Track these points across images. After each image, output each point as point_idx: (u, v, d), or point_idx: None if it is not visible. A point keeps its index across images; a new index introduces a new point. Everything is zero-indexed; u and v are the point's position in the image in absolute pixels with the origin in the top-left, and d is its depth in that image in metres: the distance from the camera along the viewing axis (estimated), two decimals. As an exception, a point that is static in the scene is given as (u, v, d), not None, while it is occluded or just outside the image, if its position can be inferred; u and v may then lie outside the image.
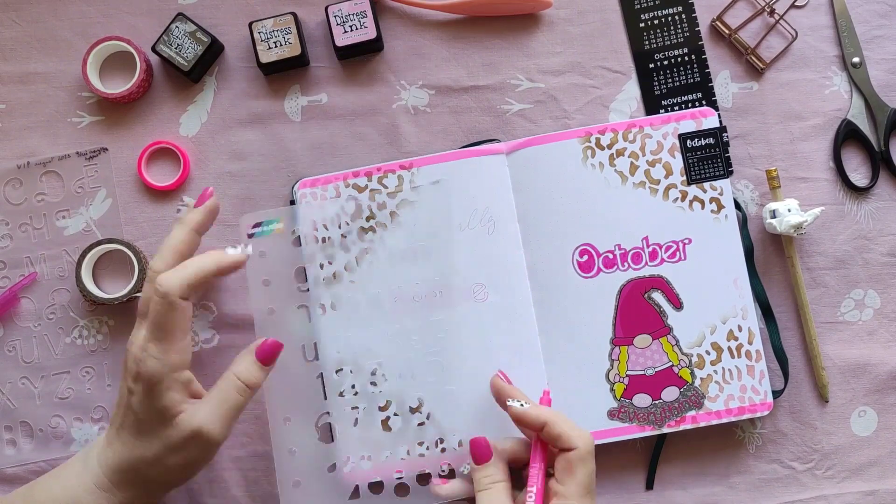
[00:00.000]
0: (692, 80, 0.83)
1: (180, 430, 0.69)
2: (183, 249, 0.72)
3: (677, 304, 0.79)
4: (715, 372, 0.79)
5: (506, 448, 0.73)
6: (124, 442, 0.70)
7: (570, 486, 0.68)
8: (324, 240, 0.80)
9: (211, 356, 0.82)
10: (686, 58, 0.84)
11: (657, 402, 0.79)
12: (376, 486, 0.79)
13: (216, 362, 0.82)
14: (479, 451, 0.72)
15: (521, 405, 0.72)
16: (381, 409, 0.79)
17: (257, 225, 0.78)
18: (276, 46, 0.82)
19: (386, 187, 0.81)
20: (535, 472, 0.70)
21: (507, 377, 0.75)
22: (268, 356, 0.73)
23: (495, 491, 0.70)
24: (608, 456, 0.80)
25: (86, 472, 0.71)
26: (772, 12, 0.84)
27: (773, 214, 0.80)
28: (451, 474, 0.78)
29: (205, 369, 0.82)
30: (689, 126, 0.80)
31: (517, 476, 0.73)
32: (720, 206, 0.80)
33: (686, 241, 0.80)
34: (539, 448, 0.71)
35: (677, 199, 0.80)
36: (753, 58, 0.84)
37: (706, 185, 0.80)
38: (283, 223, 0.78)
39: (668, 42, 0.84)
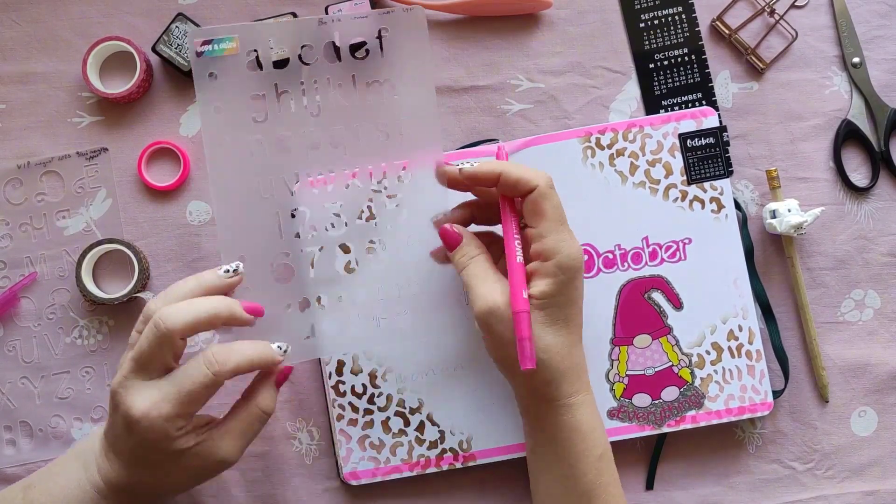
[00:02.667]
0: (692, 80, 0.83)
1: (202, 459, 0.69)
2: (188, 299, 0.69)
3: (677, 304, 0.79)
4: (715, 372, 0.79)
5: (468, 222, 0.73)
6: (132, 473, 0.69)
7: (543, 224, 0.68)
8: (323, 240, 0.80)
9: (211, 356, 0.82)
10: (686, 58, 0.84)
11: (657, 401, 0.79)
12: (377, 486, 0.80)
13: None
14: (449, 238, 0.72)
15: (472, 164, 0.71)
16: (382, 409, 0.79)
17: (207, 42, 0.70)
18: (276, 46, 0.82)
19: (386, 187, 0.80)
20: (509, 227, 0.70)
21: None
22: (284, 381, 0.76)
23: (474, 263, 0.70)
24: (608, 456, 0.81)
25: (86, 479, 0.70)
26: (772, 12, 0.84)
27: (774, 214, 0.80)
28: (451, 473, 0.78)
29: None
30: (689, 126, 0.80)
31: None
32: (720, 206, 0.80)
33: (686, 241, 0.80)
34: (505, 206, 0.70)
35: (677, 198, 0.80)
36: (753, 58, 0.84)
37: (706, 184, 0.80)
38: (236, 42, 0.71)
39: (668, 42, 0.84)
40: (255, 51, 0.72)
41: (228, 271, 0.71)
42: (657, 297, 0.79)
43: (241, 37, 0.70)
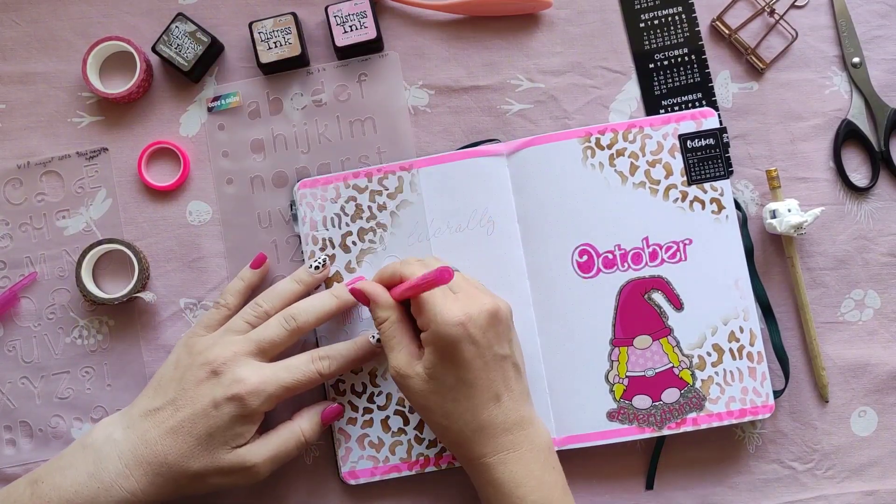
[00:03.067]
0: (692, 81, 0.83)
1: (237, 458, 0.72)
2: (290, 298, 0.78)
3: (678, 305, 0.79)
4: (716, 373, 0.79)
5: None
6: (174, 443, 0.72)
7: (415, 303, 0.71)
8: (324, 240, 0.80)
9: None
10: (686, 58, 0.84)
11: (657, 403, 0.79)
12: (376, 485, 0.80)
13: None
14: (358, 298, 0.76)
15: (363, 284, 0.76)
16: (381, 408, 0.79)
17: (215, 99, 0.83)
18: (276, 46, 0.82)
19: (386, 188, 0.81)
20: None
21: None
22: (330, 419, 0.78)
23: (385, 328, 0.73)
24: (608, 457, 0.80)
25: (103, 470, 0.71)
26: (772, 12, 0.84)
27: (774, 214, 0.80)
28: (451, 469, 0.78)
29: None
30: (689, 126, 0.80)
31: None
32: (720, 207, 0.80)
33: (686, 242, 0.80)
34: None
35: (677, 199, 0.80)
36: (753, 58, 0.83)
37: (706, 185, 0.80)
38: (239, 97, 0.83)
39: (668, 42, 0.84)
40: (255, 102, 0.84)
41: (318, 267, 0.79)
42: (657, 297, 0.79)
43: (242, 91, 0.83)
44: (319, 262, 0.78)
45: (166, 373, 0.75)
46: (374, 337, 0.77)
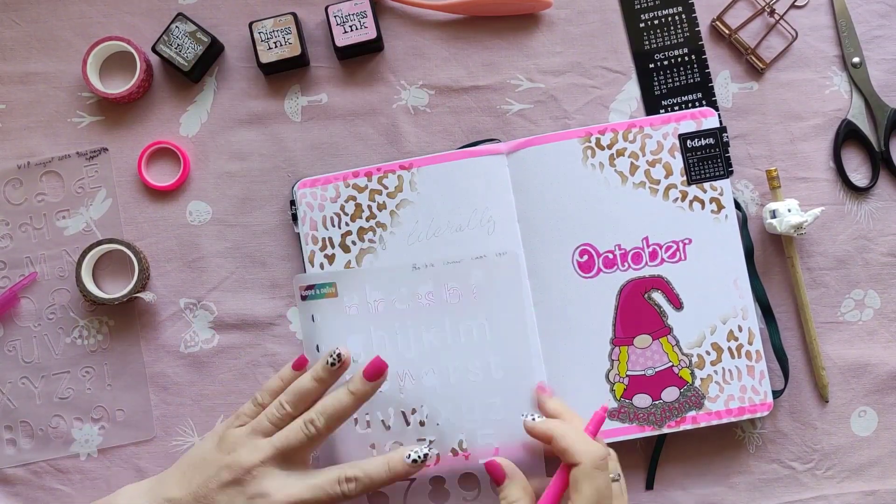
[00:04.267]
0: (692, 80, 0.83)
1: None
2: (311, 398, 0.75)
3: (677, 305, 0.79)
4: (715, 372, 0.79)
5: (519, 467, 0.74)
6: None
7: (576, 502, 0.67)
8: (324, 240, 0.80)
9: (210, 356, 0.83)
10: (686, 58, 0.84)
11: (657, 402, 0.79)
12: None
13: (215, 362, 0.82)
14: (494, 474, 0.73)
15: (533, 418, 0.73)
16: (381, 408, 0.79)
17: (310, 287, 0.78)
18: (276, 46, 0.82)
19: (386, 187, 0.81)
20: (552, 491, 0.69)
21: (548, 389, 0.77)
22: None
23: None
24: (608, 456, 0.81)
25: None
26: (772, 12, 0.84)
27: (774, 214, 0.80)
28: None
29: (204, 369, 0.82)
30: (689, 126, 0.80)
31: None
32: (720, 207, 0.80)
33: (686, 242, 0.80)
34: (559, 470, 0.70)
35: (677, 199, 0.80)
36: (753, 58, 0.84)
37: (706, 185, 0.80)
38: (335, 288, 0.78)
39: (668, 42, 0.84)
40: (355, 302, 0.78)
41: (333, 364, 0.75)
42: (657, 297, 0.79)
43: (339, 283, 0.78)
44: (335, 359, 0.75)
45: (195, 460, 0.74)
46: (409, 457, 0.73)
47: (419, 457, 0.73)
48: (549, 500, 0.69)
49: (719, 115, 0.82)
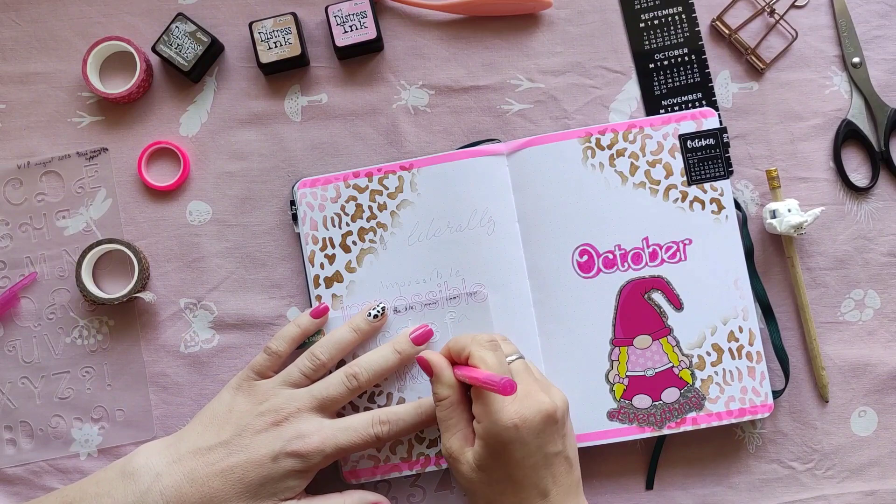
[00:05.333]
0: (692, 81, 0.83)
1: None
2: (347, 348, 0.78)
3: (677, 305, 0.79)
4: (716, 373, 0.79)
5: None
6: (222, 486, 0.71)
7: (473, 389, 0.70)
8: (324, 240, 0.80)
9: (210, 356, 0.83)
10: (686, 58, 0.84)
11: (657, 403, 0.79)
12: (377, 484, 0.80)
13: (215, 362, 0.82)
14: (423, 368, 0.74)
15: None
16: (381, 407, 0.79)
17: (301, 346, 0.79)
18: (276, 46, 0.82)
19: (386, 188, 0.81)
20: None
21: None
22: None
23: (441, 407, 0.71)
24: (608, 457, 0.81)
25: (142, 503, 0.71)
26: (772, 12, 0.84)
27: (774, 214, 0.80)
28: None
29: (204, 369, 0.82)
30: (689, 126, 0.80)
31: None
32: (720, 207, 0.80)
33: (686, 242, 0.80)
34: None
35: (677, 199, 0.80)
36: (753, 58, 0.83)
37: (706, 185, 0.80)
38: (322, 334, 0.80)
39: (668, 42, 0.84)
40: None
41: (377, 315, 0.78)
42: (657, 297, 0.79)
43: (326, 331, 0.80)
44: (378, 311, 0.78)
45: (219, 412, 0.74)
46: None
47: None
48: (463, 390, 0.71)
49: (719, 115, 0.82)
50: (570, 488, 0.70)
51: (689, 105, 0.83)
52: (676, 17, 0.84)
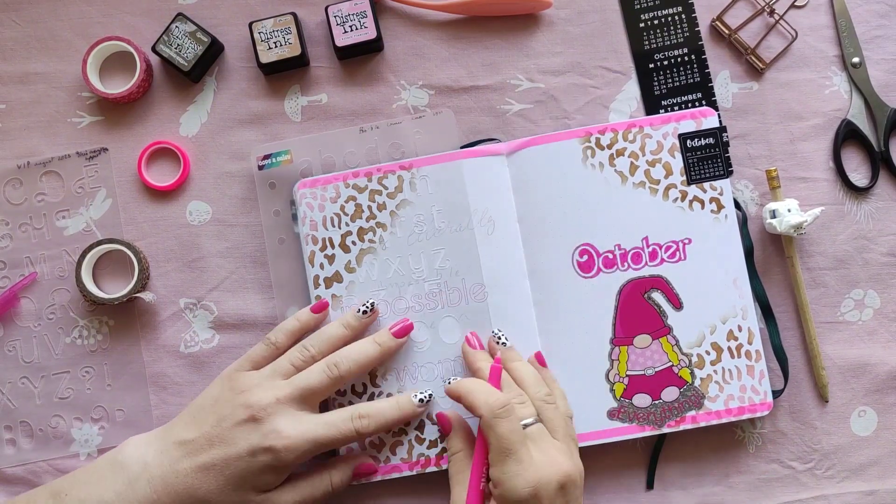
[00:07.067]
0: (692, 80, 0.83)
1: (265, 502, 0.73)
2: (337, 343, 0.77)
3: (677, 304, 0.79)
4: (715, 372, 0.79)
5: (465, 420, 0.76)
6: (204, 480, 0.71)
7: (491, 454, 0.69)
8: (324, 240, 0.80)
9: (210, 356, 0.83)
10: (686, 58, 0.84)
11: (657, 402, 0.79)
12: (377, 485, 0.80)
13: (215, 362, 0.82)
14: (441, 424, 0.77)
15: (449, 382, 0.75)
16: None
17: (267, 157, 0.82)
18: (276, 46, 0.82)
19: (386, 188, 0.81)
20: (479, 451, 0.72)
21: (478, 339, 0.78)
22: (362, 476, 0.78)
23: (454, 461, 0.73)
24: (608, 456, 0.80)
25: (131, 492, 0.71)
26: (772, 12, 0.84)
27: (773, 214, 0.80)
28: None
29: (204, 369, 0.82)
30: (689, 126, 0.80)
31: None
32: (720, 206, 0.80)
33: (686, 241, 0.80)
34: (480, 428, 0.72)
35: (677, 199, 0.80)
36: (753, 58, 0.84)
37: (706, 185, 0.80)
38: (290, 155, 0.82)
39: (668, 42, 0.84)
40: (307, 160, 0.82)
41: (366, 311, 0.78)
42: (657, 297, 0.79)
43: (293, 150, 0.82)
44: (368, 307, 0.78)
45: (205, 403, 0.75)
46: (416, 397, 0.77)
47: (425, 397, 0.77)
48: (477, 454, 0.71)
49: (719, 115, 0.82)
50: None
51: (689, 105, 0.83)
52: (676, 17, 0.84)
